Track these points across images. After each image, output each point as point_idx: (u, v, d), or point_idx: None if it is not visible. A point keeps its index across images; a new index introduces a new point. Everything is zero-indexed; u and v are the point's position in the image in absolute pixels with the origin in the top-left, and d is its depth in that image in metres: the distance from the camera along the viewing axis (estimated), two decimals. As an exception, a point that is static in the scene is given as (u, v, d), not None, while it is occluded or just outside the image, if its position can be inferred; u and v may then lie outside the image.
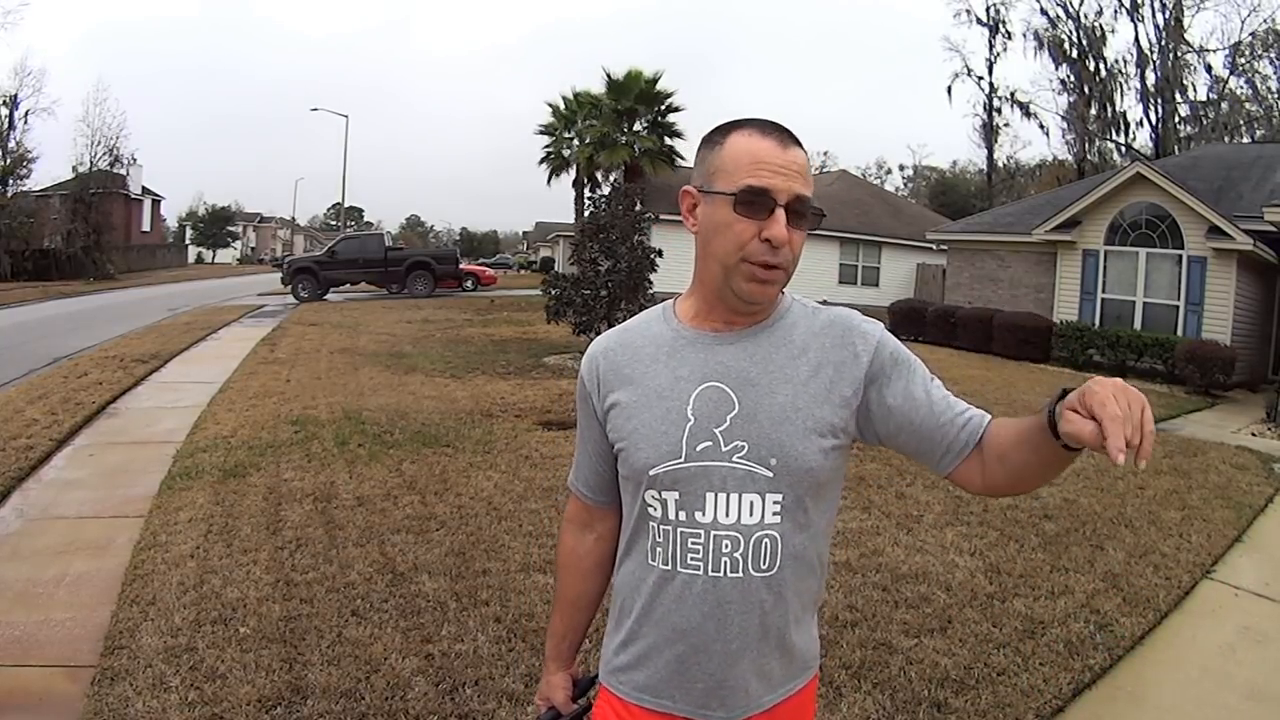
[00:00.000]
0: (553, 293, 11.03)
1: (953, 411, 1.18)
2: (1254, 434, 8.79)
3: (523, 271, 51.86)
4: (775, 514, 1.16)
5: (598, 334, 10.64)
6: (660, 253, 11.13)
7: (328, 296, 22.87)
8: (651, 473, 1.18)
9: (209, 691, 2.77)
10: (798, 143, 1.17)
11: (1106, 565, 4.29)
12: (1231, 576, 4.36)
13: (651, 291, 10.94)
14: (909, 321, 15.61)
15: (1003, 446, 1.13)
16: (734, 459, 1.15)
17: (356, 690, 2.82)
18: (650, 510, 1.20)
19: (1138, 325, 13.59)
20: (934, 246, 21.20)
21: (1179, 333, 13.05)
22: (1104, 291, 14.24)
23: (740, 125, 1.18)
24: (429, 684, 2.87)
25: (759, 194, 1.12)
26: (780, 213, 1.12)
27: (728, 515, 1.15)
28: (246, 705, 2.70)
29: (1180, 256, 13.38)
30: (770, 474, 1.15)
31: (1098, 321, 14.02)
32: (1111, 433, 0.87)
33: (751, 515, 1.15)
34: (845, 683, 2.98)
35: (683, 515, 1.17)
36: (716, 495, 1.16)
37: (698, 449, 1.16)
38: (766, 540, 1.16)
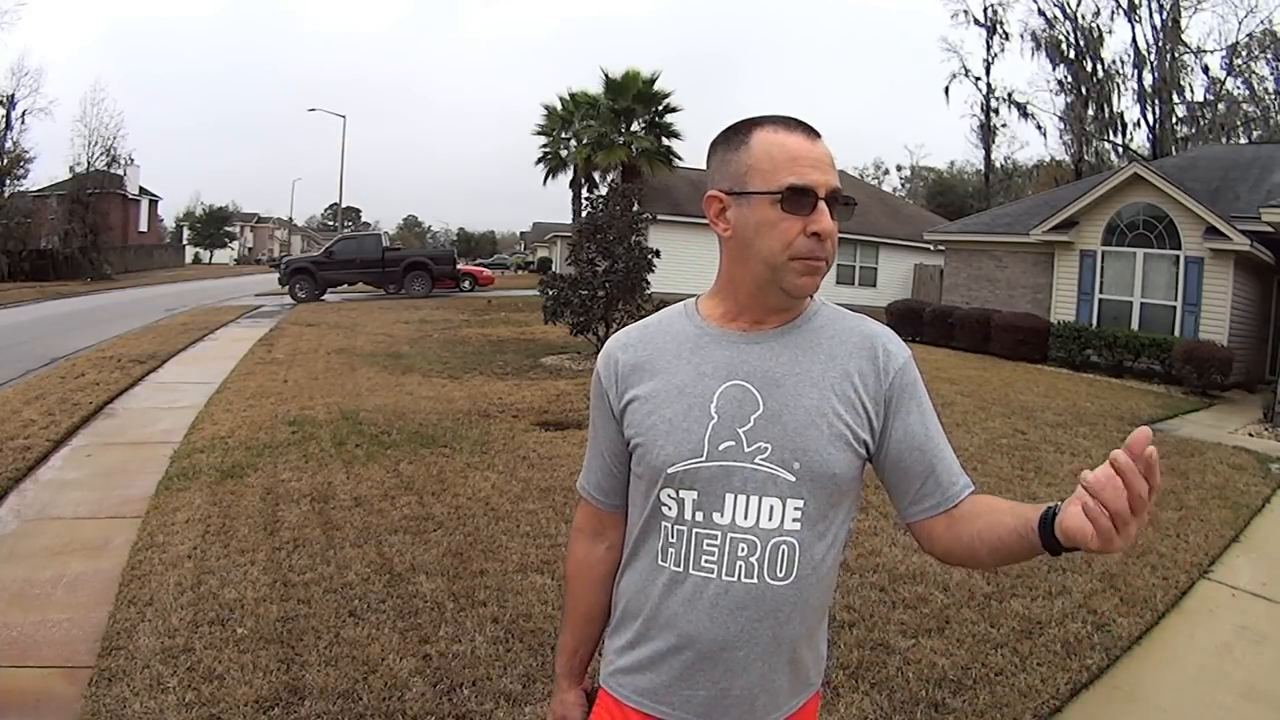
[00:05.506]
0: (550, 293, 11.01)
1: (943, 465, 1.18)
2: (1251, 434, 8.80)
3: (520, 272, 51.78)
4: (795, 520, 1.13)
5: (595, 334, 10.67)
6: (658, 253, 11.13)
7: (325, 297, 22.85)
8: (670, 470, 1.15)
9: (206, 692, 2.77)
10: (819, 135, 1.16)
11: (1104, 565, 4.29)
12: (1229, 576, 4.37)
13: (649, 292, 10.93)
14: (906, 322, 15.61)
15: (977, 526, 1.11)
16: (756, 460, 1.13)
17: (354, 691, 2.82)
18: (664, 509, 1.17)
19: (1135, 326, 13.61)
20: (931, 247, 21.22)
21: (1176, 333, 13.07)
22: (1101, 292, 14.26)
23: (761, 122, 1.16)
24: (426, 684, 2.87)
25: (803, 191, 1.10)
26: (823, 206, 1.11)
27: (746, 518, 1.12)
28: (244, 706, 2.70)
29: (1177, 257, 13.40)
30: (793, 478, 1.12)
31: (1095, 322, 14.04)
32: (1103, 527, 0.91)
33: (771, 520, 1.13)
34: (843, 683, 2.98)
35: (699, 516, 1.14)
36: (736, 497, 1.13)
37: (720, 448, 1.13)
38: (784, 547, 1.13)
